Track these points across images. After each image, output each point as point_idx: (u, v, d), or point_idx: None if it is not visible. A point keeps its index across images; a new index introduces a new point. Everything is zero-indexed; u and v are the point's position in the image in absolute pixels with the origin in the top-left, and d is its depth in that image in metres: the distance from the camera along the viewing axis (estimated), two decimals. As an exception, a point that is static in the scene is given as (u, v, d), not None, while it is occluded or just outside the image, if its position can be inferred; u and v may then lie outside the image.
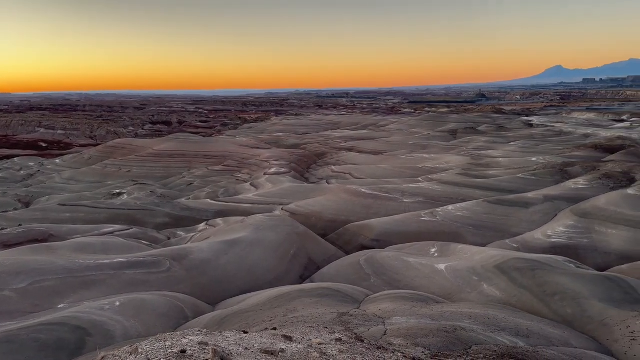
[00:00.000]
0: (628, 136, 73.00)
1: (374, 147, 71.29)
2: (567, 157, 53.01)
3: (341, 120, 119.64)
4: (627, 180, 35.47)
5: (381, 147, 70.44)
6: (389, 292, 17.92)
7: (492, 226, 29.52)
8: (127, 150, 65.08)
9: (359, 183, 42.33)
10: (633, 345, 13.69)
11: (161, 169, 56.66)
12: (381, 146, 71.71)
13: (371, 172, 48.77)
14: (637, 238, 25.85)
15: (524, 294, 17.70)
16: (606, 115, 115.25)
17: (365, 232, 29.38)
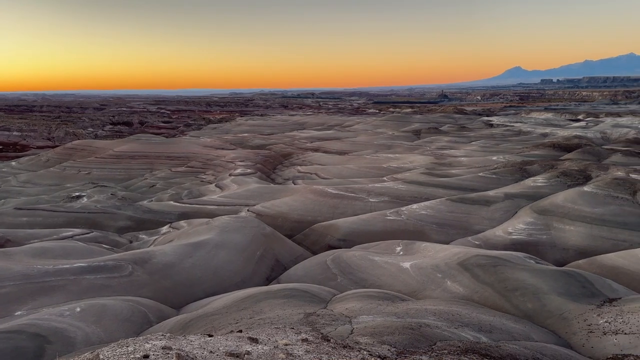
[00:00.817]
0: (584, 135, 75.76)
1: (340, 147, 71.63)
2: (526, 156, 54.60)
3: (307, 120, 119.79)
4: (583, 178, 36.79)
5: (347, 147, 70.85)
6: (356, 291, 18.02)
7: (455, 224, 30.09)
8: (86, 152, 63.30)
9: (325, 183, 42.44)
10: (590, 337, 14.20)
11: (122, 170, 55.36)
12: (347, 146, 72.12)
13: (337, 172, 48.98)
14: (594, 234, 26.84)
15: (486, 290, 18.10)
16: (563, 115, 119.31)
17: (332, 232, 29.46)
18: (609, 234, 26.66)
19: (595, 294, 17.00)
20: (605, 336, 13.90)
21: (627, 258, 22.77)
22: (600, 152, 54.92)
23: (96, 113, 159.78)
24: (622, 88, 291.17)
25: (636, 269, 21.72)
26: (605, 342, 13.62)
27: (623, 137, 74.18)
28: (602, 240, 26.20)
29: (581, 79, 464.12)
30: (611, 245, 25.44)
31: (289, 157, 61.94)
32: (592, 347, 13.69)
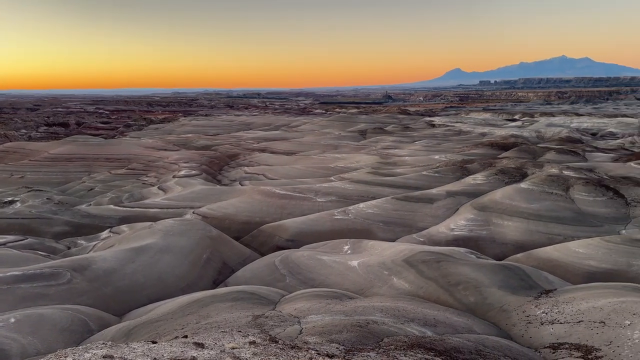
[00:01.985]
0: (520, 134, 79.37)
1: (287, 147, 71.49)
2: (467, 155, 56.57)
3: (253, 120, 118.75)
4: (520, 175, 38.51)
5: (294, 148, 70.80)
6: (305, 291, 18.03)
7: (401, 222, 30.73)
8: (19, 155, 59.95)
9: (272, 184, 42.21)
10: (529, 328, 14.86)
11: (58, 173, 52.80)
12: (294, 146, 72.08)
13: (285, 172, 48.85)
14: (530, 228, 28.16)
15: (430, 285, 18.59)
16: (500, 115, 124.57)
17: (280, 232, 29.36)
18: (544, 228, 28.02)
19: (533, 286, 17.82)
20: (542, 326, 14.58)
21: (561, 251, 24.05)
22: (535, 151, 57.70)
23: (29, 114, 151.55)
24: (555, 89, 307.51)
25: (570, 262, 22.97)
26: (543, 332, 14.29)
27: (556, 135, 78.29)
28: (538, 234, 27.51)
29: (517, 81, 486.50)
30: (546, 239, 26.75)
31: (235, 158, 61.16)
32: (531, 337, 14.33)
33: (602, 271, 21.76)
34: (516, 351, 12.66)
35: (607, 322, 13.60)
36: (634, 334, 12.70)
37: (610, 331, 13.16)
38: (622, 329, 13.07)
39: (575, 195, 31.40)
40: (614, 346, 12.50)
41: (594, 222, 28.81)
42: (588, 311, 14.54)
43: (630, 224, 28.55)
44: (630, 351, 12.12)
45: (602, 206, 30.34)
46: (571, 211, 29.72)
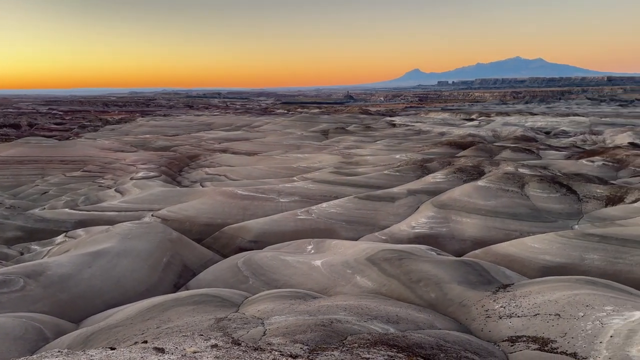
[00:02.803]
0: (477, 133, 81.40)
1: (249, 147, 70.95)
2: (426, 154, 57.59)
3: (214, 121, 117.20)
4: (477, 173, 39.49)
5: (256, 148, 70.33)
6: (268, 292, 17.92)
7: (363, 220, 31.00)
8: (-34, 157, 57.12)
9: (234, 184, 41.79)
10: (488, 322, 15.24)
11: (9, 177, 50.67)
12: (256, 147, 71.60)
13: (247, 173, 48.46)
14: (488, 225, 28.91)
15: (393, 283, 18.81)
16: (458, 115, 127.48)
17: (243, 233, 29.10)
18: (501, 224, 28.83)
19: (491, 281, 18.29)
20: (501, 320, 14.99)
21: (517, 246, 24.79)
22: (492, 149, 59.32)
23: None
24: (510, 89, 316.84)
25: (526, 256, 23.71)
26: (501, 326, 14.69)
27: (512, 134, 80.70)
28: (495, 230, 28.28)
29: (474, 81, 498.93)
30: (503, 235, 27.53)
31: (195, 158, 60.21)
32: (490, 331, 14.70)
33: (556, 265, 22.57)
34: (476, 345, 12.95)
35: (562, 315, 14.10)
36: (587, 325, 13.21)
37: (565, 323, 13.64)
38: (576, 321, 13.58)
39: (530, 192, 32.44)
40: (569, 337, 12.97)
41: (549, 218, 29.83)
42: (544, 304, 15.03)
43: (582, 219, 29.72)
44: (584, 342, 12.60)
45: (555, 202, 31.46)
46: (526, 207, 30.68)
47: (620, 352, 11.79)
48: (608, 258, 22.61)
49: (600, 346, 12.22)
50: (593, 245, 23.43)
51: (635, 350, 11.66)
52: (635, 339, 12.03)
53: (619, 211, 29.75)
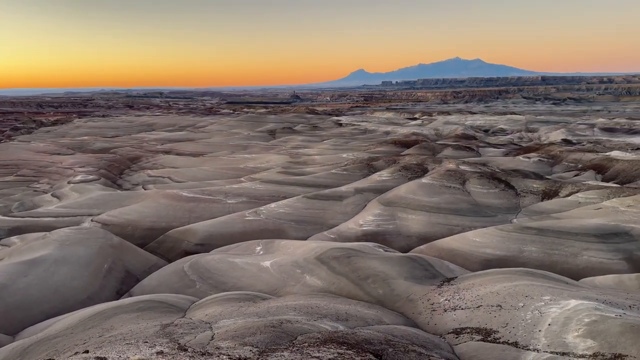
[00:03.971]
0: (420, 132, 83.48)
1: (194, 148, 69.51)
2: (372, 153, 58.48)
3: (156, 121, 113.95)
4: (421, 171, 40.49)
5: (201, 149, 68.99)
6: (216, 296, 17.62)
7: (312, 220, 31.06)
8: None
9: (179, 187, 40.78)
10: (433, 315, 15.63)
11: None
12: (201, 147, 70.25)
13: (192, 174, 47.43)
14: (432, 221, 29.70)
15: (342, 281, 18.95)
16: (402, 114, 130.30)
17: (189, 237, 28.46)
18: (444, 220, 29.69)
19: (436, 275, 18.79)
20: (446, 313, 15.41)
21: (460, 241, 25.62)
22: (435, 147, 61.03)
23: None
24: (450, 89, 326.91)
25: (468, 250, 24.53)
26: (446, 319, 15.10)
27: (453, 133, 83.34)
28: (439, 226, 29.09)
29: (416, 81, 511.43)
30: (447, 230, 28.37)
31: (137, 160, 58.33)
32: (436, 324, 15.08)
33: (497, 258, 23.49)
34: (422, 338, 13.25)
35: (503, 306, 14.67)
36: (527, 315, 13.81)
37: (507, 314, 14.20)
38: (517, 311, 14.16)
39: (471, 188, 33.60)
40: (510, 327, 13.51)
41: (489, 213, 31.00)
42: (486, 296, 15.59)
43: (520, 213, 31.09)
44: (524, 331, 13.17)
45: (495, 197, 32.74)
46: (468, 203, 31.75)
47: (557, 339, 12.40)
48: (545, 250, 23.77)
49: (539, 334, 12.80)
50: (531, 237, 24.55)
51: (571, 337, 12.30)
52: (571, 326, 12.68)
53: (554, 205, 31.35)
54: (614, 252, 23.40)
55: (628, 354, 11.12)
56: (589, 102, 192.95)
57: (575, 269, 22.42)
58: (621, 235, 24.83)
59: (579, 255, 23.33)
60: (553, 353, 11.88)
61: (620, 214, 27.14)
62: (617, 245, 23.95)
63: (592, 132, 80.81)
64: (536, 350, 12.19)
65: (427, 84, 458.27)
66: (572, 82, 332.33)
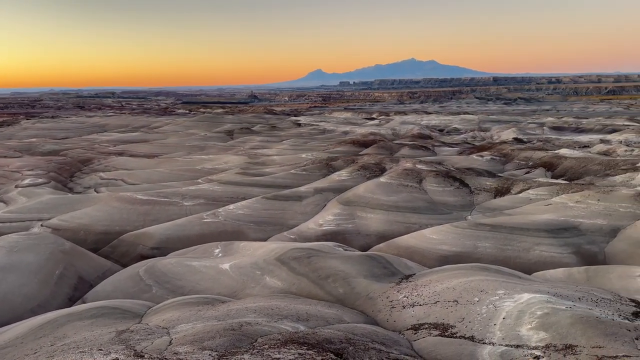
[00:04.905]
0: (378, 132, 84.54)
1: (148, 150, 67.87)
2: (331, 153, 58.76)
3: (108, 122, 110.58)
4: (379, 170, 40.99)
5: (156, 150, 67.44)
6: (173, 300, 17.26)
7: (272, 221, 30.92)
8: None
9: (133, 189, 39.72)
10: (392, 312, 15.84)
11: None
12: (156, 149, 68.68)
13: (147, 176, 46.29)
14: (390, 219, 30.11)
15: (302, 281, 18.95)
16: (360, 114, 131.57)
17: (144, 240, 27.77)
18: (402, 218, 30.17)
19: (395, 273, 19.06)
20: (404, 310, 15.64)
21: (417, 238, 26.11)
22: (392, 147, 61.92)
23: None
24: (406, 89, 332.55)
25: (425, 247, 25.02)
26: (405, 315, 15.33)
27: (409, 132, 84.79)
28: (397, 224, 29.53)
29: (373, 82, 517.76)
30: (404, 228, 28.83)
31: (89, 162, 56.40)
32: (395, 320, 15.29)
33: (453, 254, 24.07)
34: (382, 336, 13.40)
35: (460, 301, 15.02)
36: (482, 309, 14.19)
37: (463, 308, 14.55)
38: (473, 306, 14.53)
39: (428, 187, 34.29)
40: (466, 322, 13.85)
41: (445, 210, 31.72)
42: (443, 292, 15.93)
43: (474, 210, 31.95)
44: (480, 325, 13.53)
45: (450, 195, 33.53)
46: (424, 201, 32.38)
47: (512, 332, 12.80)
48: (498, 245, 24.53)
49: (494, 328, 13.18)
50: (484, 234, 25.29)
51: (525, 330, 12.72)
52: (524, 319, 13.13)
53: (507, 201, 32.40)
54: (564, 247, 24.41)
55: (578, 344, 11.60)
56: (538, 101, 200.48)
57: (528, 264, 23.25)
58: (570, 230, 25.93)
59: (531, 250, 24.20)
60: (508, 346, 12.26)
61: (569, 210, 28.33)
62: (567, 239, 25.00)
63: (541, 130, 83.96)
64: (492, 344, 12.54)
65: (383, 85, 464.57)
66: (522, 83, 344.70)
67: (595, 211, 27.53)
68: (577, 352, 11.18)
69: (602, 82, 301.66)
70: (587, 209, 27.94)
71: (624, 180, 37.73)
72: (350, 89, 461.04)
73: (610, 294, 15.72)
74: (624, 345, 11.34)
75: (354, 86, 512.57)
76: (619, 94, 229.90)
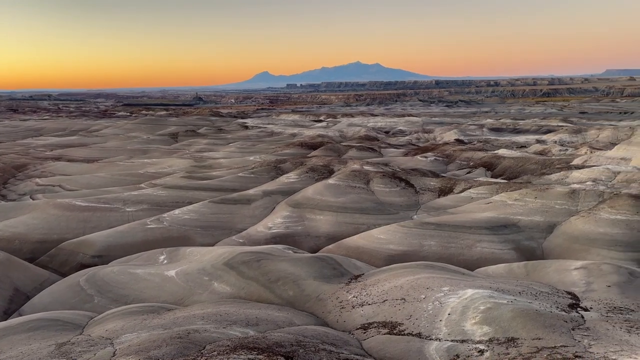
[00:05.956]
0: (326, 134, 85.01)
1: (88, 154, 65.27)
2: (280, 155, 58.58)
3: (44, 125, 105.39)
4: (327, 172, 41.23)
5: (96, 154, 64.94)
6: (117, 310, 16.65)
7: (219, 225, 30.43)
8: None
9: (72, 195, 38.00)
10: (342, 313, 15.95)
11: None
12: (96, 153, 66.15)
13: (86, 182, 44.45)
14: (339, 220, 30.34)
15: (251, 285, 18.75)
16: (308, 117, 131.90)
17: (85, 248, 26.64)
18: (351, 219, 30.48)
19: (344, 274, 19.20)
20: (354, 310, 15.79)
21: (366, 238, 26.45)
22: (340, 149, 62.46)
23: None
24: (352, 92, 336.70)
25: (374, 247, 25.38)
26: (355, 315, 15.48)
27: (356, 134, 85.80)
28: (346, 225, 29.80)
29: (320, 84, 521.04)
30: (353, 229, 29.14)
31: (23, 168, 53.51)
32: (345, 321, 15.40)
33: (400, 253, 24.55)
34: (332, 336, 13.46)
35: (407, 299, 15.33)
36: (429, 306, 14.54)
37: (410, 306, 14.85)
38: (419, 303, 14.86)
39: (375, 188, 34.82)
40: (414, 319, 14.15)
41: (391, 210, 32.30)
42: (391, 290, 16.20)
43: (420, 210, 32.73)
44: (426, 321, 13.85)
45: (397, 195, 34.19)
46: (372, 202, 32.86)
47: (457, 327, 13.18)
48: (443, 243, 25.25)
49: (440, 324, 13.53)
50: (430, 232, 25.96)
51: (469, 325, 13.14)
52: (468, 315, 13.55)
53: (450, 201, 33.40)
54: (504, 243, 25.44)
55: (519, 336, 12.10)
56: (478, 104, 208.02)
57: (471, 260, 24.06)
58: (510, 227, 27.06)
59: (473, 247, 25.06)
60: (453, 341, 12.62)
61: (508, 207, 29.55)
62: (507, 236, 26.07)
63: (481, 132, 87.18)
64: (438, 340, 12.87)
65: (330, 87, 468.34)
66: (463, 86, 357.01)
67: (532, 208, 28.86)
68: (519, 345, 11.66)
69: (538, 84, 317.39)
70: (525, 206, 29.25)
71: (558, 178, 39.80)
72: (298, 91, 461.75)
73: (548, 288, 16.52)
74: (562, 335, 11.94)
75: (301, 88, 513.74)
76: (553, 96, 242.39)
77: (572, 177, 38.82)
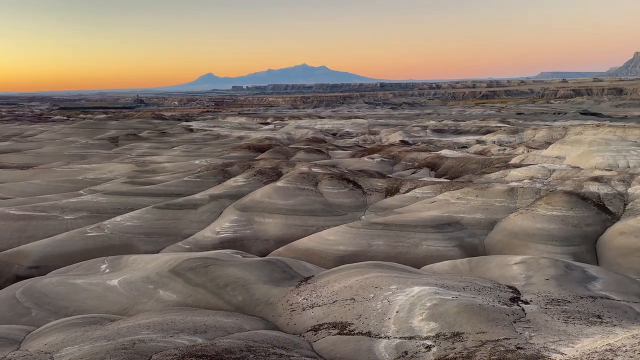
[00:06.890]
0: (273, 136, 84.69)
1: (22, 160, 62.02)
2: (226, 158, 57.81)
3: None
4: (276, 175, 41.05)
5: (31, 160, 61.78)
6: (56, 322, 15.89)
7: (164, 231, 29.67)
8: None
9: (5, 204, 35.90)
10: (293, 315, 15.91)
11: None
12: (30, 159, 62.94)
13: (20, 189, 42.16)
14: (288, 223, 30.29)
15: (199, 292, 18.37)
16: (255, 119, 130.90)
17: (20, 259, 25.28)
18: (300, 221, 30.50)
19: (294, 276, 19.16)
20: (304, 312, 15.79)
21: (315, 240, 26.55)
22: (288, 151, 62.39)
23: None
24: (299, 94, 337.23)
25: (323, 249, 25.51)
26: (305, 317, 15.48)
27: (304, 136, 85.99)
28: (295, 227, 29.79)
29: (267, 86, 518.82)
30: (303, 231, 29.17)
31: (-50, 176, 50.07)
32: (295, 323, 15.37)
33: (349, 254, 24.79)
34: (283, 340, 13.40)
35: (357, 298, 15.48)
36: (378, 305, 14.75)
37: (360, 306, 15.01)
38: (368, 302, 15.05)
39: (323, 189, 35.02)
40: (363, 318, 14.31)
41: (340, 212, 32.59)
42: (341, 291, 16.32)
43: (367, 210, 33.20)
44: (375, 320, 14.04)
45: (345, 197, 34.53)
46: (321, 204, 33.03)
47: (405, 324, 13.45)
48: (390, 242, 25.73)
49: (389, 322, 13.76)
50: (377, 232, 26.39)
51: (416, 321, 13.43)
52: (415, 311, 13.86)
53: (396, 201, 34.09)
54: (449, 240, 26.23)
55: (464, 331, 12.49)
56: (421, 106, 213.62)
57: (417, 258, 24.64)
58: (453, 224, 27.93)
59: (419, 245, 25.68)
60: (402, 338, 12.86)
61: (451, 206, 30.49)
62: (451, 234, 26.90)
63: (425, 133, 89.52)
64: (387, 338, 13.08)
65: (277, 89, 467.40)
66: (407, 88, 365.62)
67: (474, 206, 29.92)
68: (464, 339, 12.03)
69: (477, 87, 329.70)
70: (467, 204, 30.29)
71: (498, 177, 41.48)
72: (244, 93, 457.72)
73: (490, 282, 17.16)
74: (504, 329, 12.42)
75: (247, 91, 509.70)
76: (491, 98, 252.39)
77: (511, 176, 40.55)
